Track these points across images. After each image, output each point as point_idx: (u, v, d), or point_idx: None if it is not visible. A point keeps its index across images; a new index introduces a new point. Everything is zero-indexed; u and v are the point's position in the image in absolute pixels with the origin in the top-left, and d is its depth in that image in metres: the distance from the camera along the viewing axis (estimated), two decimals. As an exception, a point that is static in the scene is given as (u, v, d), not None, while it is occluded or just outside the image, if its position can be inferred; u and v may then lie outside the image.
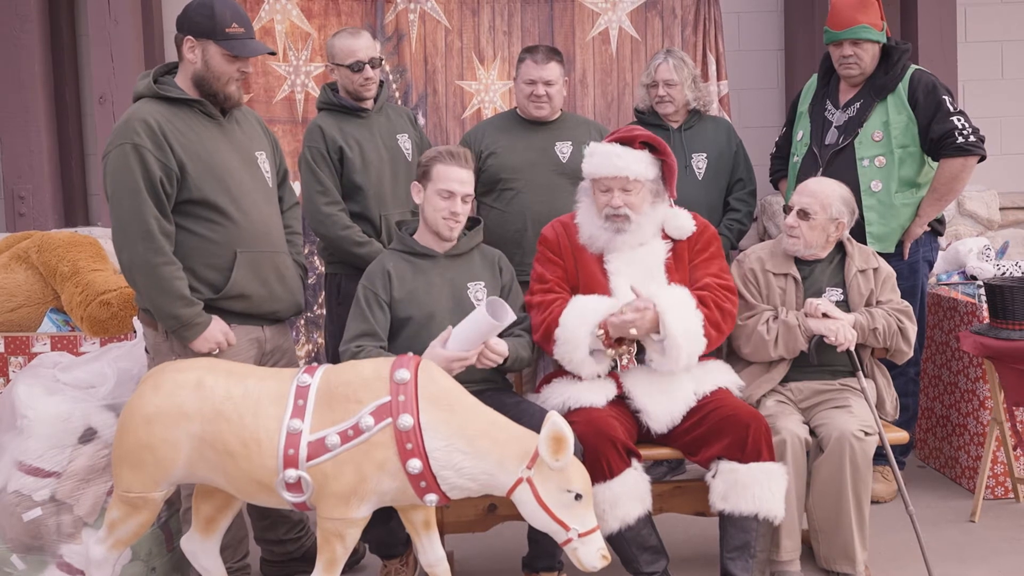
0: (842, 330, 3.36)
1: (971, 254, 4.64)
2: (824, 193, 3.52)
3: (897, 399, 3.61)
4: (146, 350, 3.31)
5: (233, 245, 3.16)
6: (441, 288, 3.34)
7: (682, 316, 3.20)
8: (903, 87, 4.07)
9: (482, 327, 3.06)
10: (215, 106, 3.19)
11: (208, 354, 3.11)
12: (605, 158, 3.34)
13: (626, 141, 3.36)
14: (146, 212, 3.01)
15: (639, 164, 3.32)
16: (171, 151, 3.05)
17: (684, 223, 3.42)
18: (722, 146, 4.43)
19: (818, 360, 3.45)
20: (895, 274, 3.65)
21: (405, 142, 4.08)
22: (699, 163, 4.38)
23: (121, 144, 3.02)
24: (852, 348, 3.40)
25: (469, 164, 3.34)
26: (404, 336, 3.29)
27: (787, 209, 3.57)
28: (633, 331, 3.19)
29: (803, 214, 3.49)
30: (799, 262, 3.57)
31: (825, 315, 3.39)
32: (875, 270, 3.58)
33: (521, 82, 4.15)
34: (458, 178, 3.29)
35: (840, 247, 3.60)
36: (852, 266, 3.56)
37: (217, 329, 3.14)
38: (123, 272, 3.11)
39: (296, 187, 3.92)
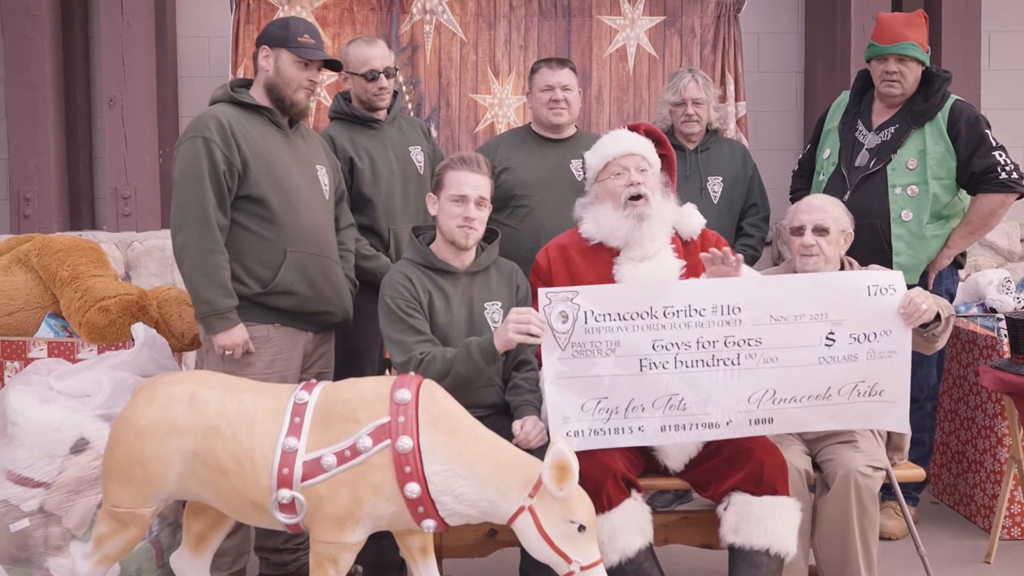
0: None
1: (991, 286, 4.55)
2: (831, 207, 3.45)
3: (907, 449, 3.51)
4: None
5: (284, 244, 3.31)
6: (459, 309, 3.23)
7: None
8: (943, 117, 3.99)
9: None
10: (283, 114, 3.40)
11: (225, 356, 3.25)
12: (615, 141, 3.33)
13: (632, 128, 3.39)
14: (207, 200, 3.20)
15: (647, 148, 3.32)
16: (237, 148, 3.25)
17: (694, 218, 3.38)
18: (737, 170, 4.37)
19: None
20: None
21: (418, 154, 4.01)
22: (714, 186, 4.31)
23: (193, 137, 3.24)
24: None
25: (483, 170, 3.25)
26: None
27: (796, 231, 3.46)
28: None
29: (820, 230, 3.40)
30: None
31: None
32: None
33: (537, 90, 4.08)
34: (470, 182, 3.20)
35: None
36: None
37: (242, 334, 3.25)
38: (175, 254, 3.29)
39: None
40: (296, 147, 3.43)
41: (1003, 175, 3.92)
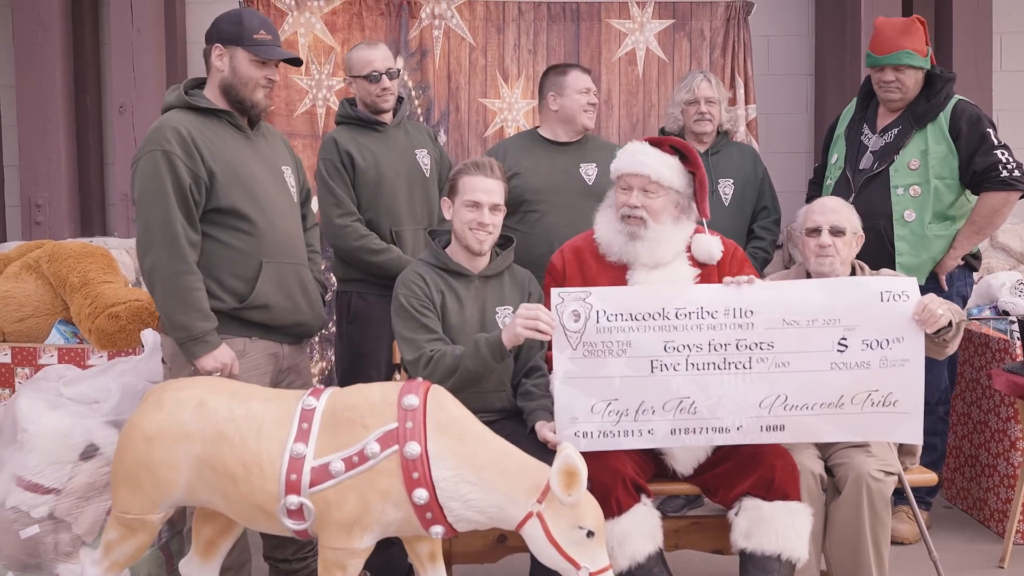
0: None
1: (1003, 288, 4.52)
2: (843, 209, 3.43)
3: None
4: (163, 360, 3.25)
5: (259, 255, 3.16)
6: (471, 311, 3.24)
7: None
8: (945, 117, 3.97)
9: None
10: (243, 115, 3.22)
11: (211, 374, 3.05)
12: (631, 155, 3.25)
13: (655, 143, 3.27)
14: (173, 218, 3.01)
15: (664, 167, 3.21)
16: (201, 159, 3.06)
17: (713, 249, 3.26)
18: (748, 173, 4.36)
19: None
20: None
21: (424, 157, 3.99)
22: (725, 188, 4.29)
23: (151, 151, 3.04)
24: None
25: (496, 174, 3.25)
26: None
27: (812, 231, 3.42)
28: None
29: (837, 231, 3.38)
30: None
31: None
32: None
33: (574, 92, 4.05)
34: (483, 187, 3.20)
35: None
36: None
37: (227, 354, 3.11)
38: (144, 278, 3.09)
39: (314, 204, 3.86)
40: (260, 150, 3.27)
41: (1004, 173, 3.89)
